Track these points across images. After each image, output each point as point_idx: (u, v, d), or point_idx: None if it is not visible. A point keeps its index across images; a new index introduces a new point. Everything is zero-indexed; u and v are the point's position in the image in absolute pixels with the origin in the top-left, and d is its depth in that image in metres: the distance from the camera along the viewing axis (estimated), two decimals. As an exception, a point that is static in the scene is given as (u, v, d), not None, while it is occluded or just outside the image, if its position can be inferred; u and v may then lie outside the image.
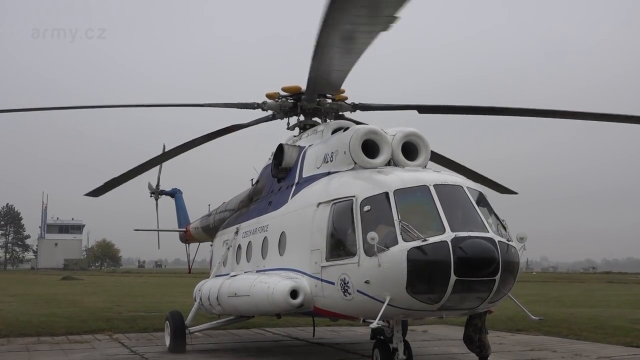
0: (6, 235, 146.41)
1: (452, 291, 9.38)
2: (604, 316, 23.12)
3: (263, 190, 15.72)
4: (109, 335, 17.87)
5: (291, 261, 12.27)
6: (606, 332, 18.12)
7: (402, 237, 9.64)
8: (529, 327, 19.01)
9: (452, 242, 9.41)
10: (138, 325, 19.98)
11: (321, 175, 12.42)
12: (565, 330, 18.71)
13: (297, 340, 17.56)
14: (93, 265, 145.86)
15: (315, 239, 11.27)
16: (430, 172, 11.29)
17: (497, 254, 9.51)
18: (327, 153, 12.54)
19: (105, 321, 20.82)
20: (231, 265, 15.87)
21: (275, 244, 13.16)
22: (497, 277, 9.57)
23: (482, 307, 10.32)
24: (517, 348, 15.61)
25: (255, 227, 14.68)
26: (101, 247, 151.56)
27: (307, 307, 11.58)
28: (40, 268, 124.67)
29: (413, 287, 9.48)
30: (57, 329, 18.79)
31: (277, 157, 14.30)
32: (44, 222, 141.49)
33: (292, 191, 13.28)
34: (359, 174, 11.31)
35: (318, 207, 11.42)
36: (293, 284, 11.49)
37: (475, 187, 11.02)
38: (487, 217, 10.46)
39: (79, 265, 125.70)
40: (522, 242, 10.51)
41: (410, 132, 12.21)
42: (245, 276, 13.79)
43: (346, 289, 10.32)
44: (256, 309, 12.80)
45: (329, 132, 13.59)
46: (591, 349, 15.44)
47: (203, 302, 15.18)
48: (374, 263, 9.69)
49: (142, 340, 17.09)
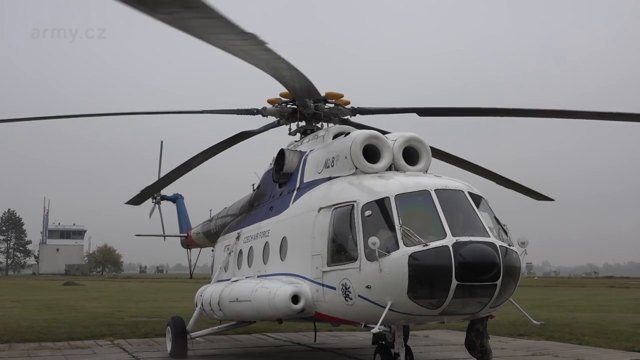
0: (7, 241, 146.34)
1: (454, 296, 9.37)
2: (606, 321, 23.07)
3: (264, 195, 15.73)
4: (110, 341, 17.86)
5: (292, 266, 12.26)
6: (608, 337, 18.09)
7: (403, 242, 9.64)
8: (530, 332, 18.99)
9: (454, 247, 9.40)
10: (139, 330, 19.99)
11: (322, 180, 12.42)
12: (567, 335, 18.68)
13: (299, 345, 17.54)
14: (94, 271, 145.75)
15: (317, 244, 11.26)
16: (432, 177, 11.28)
17: (498, 258, 9.50)
18: (328, 158, 12.55)
19: (106, 326, 20.81)
20: (232, 271, 15.86)
21: (277, 249, 13.16)
22: (499, 282, 9.56)
23: (483, 312, 10.30)
24: (519, 353, 15.58)
25: (257, 232, 14.68)
26: (102, 252, 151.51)
27: (309, 312, 11.57)
28: (42, 273, 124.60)
29: (414, 292, 9.47)
30: (58, 335, 18.80)
31: (278, 162, 14.31)
32: (46, 227, 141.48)
33: (294, 196, 13.29)
34: (360, 179, 11.32)
35: (319, 212, 11.43)
36: (294, 289, 11.48)
37: (477, 192, 11.02)
38: (489, 221, 10.46)
39: (80, 270, 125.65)
40: (523, 247, 10.50)
41: (411, 137, 12.23)
42: (246, 281, 13.79)
43: (347, 294, 10.31)
44: (257, 314, 12.79)
45: (330, 137, 13.60)
46: (593, 353, 15.42)
47: (204, 308, 15.17)
48: (375, 268, 9.69)
49: (144, 345, 17.09)
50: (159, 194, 24.29)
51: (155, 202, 24.57)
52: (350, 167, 11.80)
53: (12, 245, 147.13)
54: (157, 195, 24.31)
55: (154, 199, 24.43)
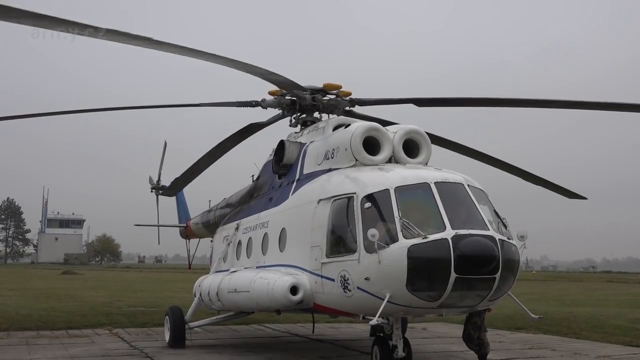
0: (7, 230, 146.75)
1: (452, 289, 9.38)
2: (604, 315, 23.13)
3: (264, 186, 15.72)
4: (108, 330, 17.89)
5: (291, 257, 12.26)
6: (605, 332, 18.14)
7: (402, 234, 9.64)
8: (528, 326, 19.01)
9: (453, 240, 9.40)
10: (138, 320, 20.01)
11: (322, 171, 12.40)
12: (564, 329, 18.73)
13: (297, 336, 17.57)
14: (93, 260, 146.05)
15: (316, 235, 11.26)
16: (431, 169, 11.27)
17: (497, 252, 9.50)
18: (328, 150, 12.52)
19: (105, 316, 20.85)
20: (231, 261, 15.87)
21: (276, 240, 13.16)
22: (497, 275, 9.57)
23: (481, 305, 10.32)
24: (516, 346, 15.61)
25: (256, 223, 14.68)
26: (101, 242, 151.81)
27: (307, 303, 11.57)
28: (41, 262, 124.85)
29: (413, 284, 9.48)
30: (57, 323, 18.82)
31: (278, 154, 14.28)
32: (45, 216, 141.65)
33: (293, 188, 13.27)
34: (359, 170, 11.30)
35: (318, 204, 11.42)
36: (293, 280, 11.49)
37: (476, 185, 11.01)
38: (488, 215, 10.45)
39: (79, 259, 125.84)
40: (522, 241, 10.52)
41: (411, 129, 12.21)
42: (245, 272, 13.79)
43: (346, 285, 10.32)
44: (256, 305, 12.80)
45: (330, 129, 13.56)
46: (590, 348, 15.44)
47: (203, 298, 15.19)
48: (374, 260, 9.69)
49: (142, 335, 17.10)
50: (159, 184, 24.18)
51: (155, 192, 24.49)
52: (350, 159, 11.77)
53: (11, 234, 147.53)
54: (156, 186, 24.23)
55: (153, 189, 24.35)
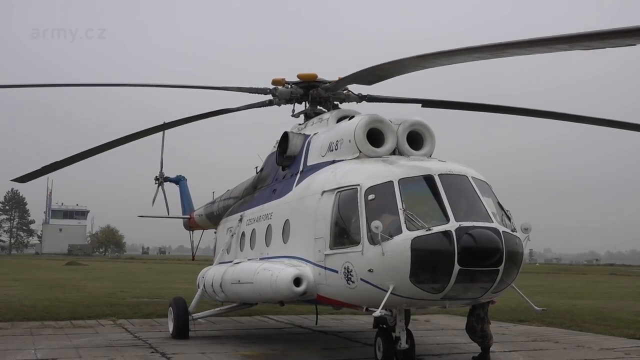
0: (11, 220, 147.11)
1: (456, 281, 9.38)
2: (607, 308, 23.11)
3: (267, 178, 15.71)
4: (112, 321, 17.97)
5: (295, 249, 12.27)
6: (609, 324, 18.13)
7: (406, 226, 9.64)
8: (531, 318, 19.03)
9: (456, 232, 9.39)
10: (141, 311, 20.09)
11: (326, 163, 12.38)
12: (568, 322, 18.74)
13: (300, 327, 17.61)
14: (97, 251, 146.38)
15: (319, 227, 11.26)
16: (436, 161, 11.25)
17: (501, 244, 9.49)
18: (332, 141, 12.51)
19: (108, 307, 20.92)
20: (235, 253, 15.88)
21: (279, 232, 13.17)
22: (501, 268, 9.56)
23: (485, 297, 10.32)
24: (519, 339, 15.62)
25: (259, 215, 14.68)
26: (105, 233, 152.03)
27: (311, 295, 11.58)
28: (45, 253, 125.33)
29: (416, 276, 9.48)
30: (61, 314, 18.91)
31: (281, 145, 14.26)
32: (49, 207, 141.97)
33: (297, 179, 13.26)
34: (363, 162, 11.28)
35: (322, 196, 11.40)
36: (297, 271, 11.49)
37: (481, 177, 10.98)
38: (492, 207, 10.44)
39: (83, 250, 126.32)
40: (526, 233, 10.50)
41: (415, 121, 12.19)
42: (248, 263, 13.80)
43: (349, 277, 10.32)
44: (259, 296, 12.82)
45: (334, 121, 13.55)
46: (594, 340, 15.44)
47: (206, 289, 15.22)
48: (378, 252, 9.69)
49: (146, 326, 17.18)
50: (162, 176, 24.22)
51: (159, 183, 24.51)
52: (354, 151, 11.76)
53: (16, 225, 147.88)
54: (160, 177, 24.26)
55: (157, 181, 24.37)
